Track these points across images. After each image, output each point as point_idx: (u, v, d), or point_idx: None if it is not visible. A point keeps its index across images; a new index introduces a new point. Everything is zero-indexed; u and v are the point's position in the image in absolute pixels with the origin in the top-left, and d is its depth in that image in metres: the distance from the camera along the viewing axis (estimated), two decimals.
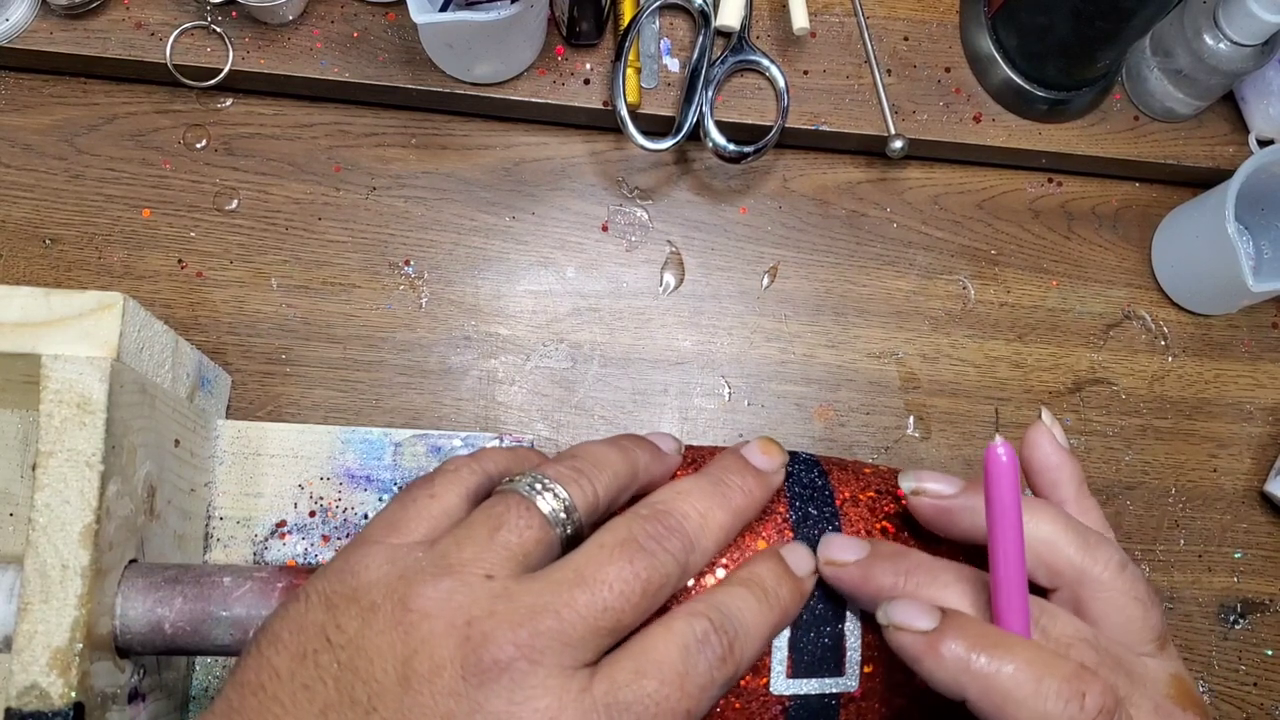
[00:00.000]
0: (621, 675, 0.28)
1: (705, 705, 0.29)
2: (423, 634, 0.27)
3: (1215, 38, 0.55)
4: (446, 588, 0.28)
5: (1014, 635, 0.29)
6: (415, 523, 0.31)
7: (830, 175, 0.60)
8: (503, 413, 0.55)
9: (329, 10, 0.56)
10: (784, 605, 0.31)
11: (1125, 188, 0.63)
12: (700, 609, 0.29)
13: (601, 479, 0.32)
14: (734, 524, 0.32)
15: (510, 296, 0.57)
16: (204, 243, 0.55)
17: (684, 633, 0.29)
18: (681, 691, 0.28)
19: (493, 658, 0.27)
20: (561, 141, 0.59)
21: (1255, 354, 0.62)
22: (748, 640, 0.30)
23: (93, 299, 0.38)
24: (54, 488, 0.35)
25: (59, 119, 0.56)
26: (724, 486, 0.32)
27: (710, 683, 0.28)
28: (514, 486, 0.31)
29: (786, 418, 0.57)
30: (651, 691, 0.27)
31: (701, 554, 0.31)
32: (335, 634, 0.28)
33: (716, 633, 0.29)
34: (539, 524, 0.30)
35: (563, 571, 0.29)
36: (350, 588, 0.29)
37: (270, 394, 0.54)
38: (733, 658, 0.29)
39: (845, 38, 0.59)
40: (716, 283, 0.58)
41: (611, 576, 0.28)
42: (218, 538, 0.49)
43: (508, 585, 0.28)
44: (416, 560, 0.29)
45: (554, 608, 0.28)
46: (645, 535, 0.30)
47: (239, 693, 0.28)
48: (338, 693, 0.27)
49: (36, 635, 0.34)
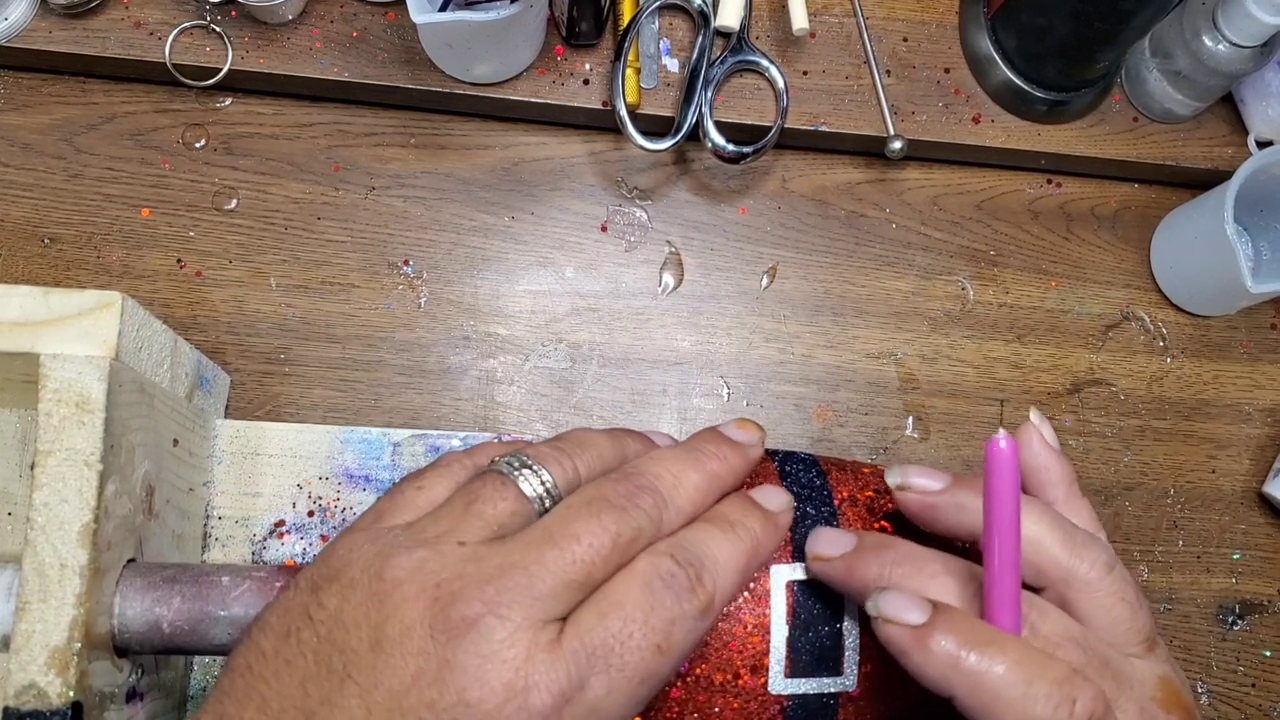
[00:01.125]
0: (587, 620, 0.28)
1: (681, 642, 0.28)
2: (395, 600, 0.28)
3: (1214, 39, 0.55)
4: (420, 557, 0.28)
5: (1005, 634, 0.29)
6: (400, 511, 0.31)
7: (829, 176, 0.61)
8: (501, 413, 0.55)
9: (328, 10, 0.56)
10: (755, 536, 0.31)
11: (1124, 189, 0.63)
12: (662, 548, 0.29)
13: (584, 459, 0.32)
14: (709, 486, 0.32)
15: (509, 296, 0.57)
16: (203, 242, 0.55)
17: (645, 570, 0.29)
18: (647, 625, 0.28)
19: (460, 614, 0.27)
20: (561, 141, 0.59)
21: (1254, 355, 0.62)
22: (717, 571, 0.30)
23: (91, 298, 0.37)
24: (52, 487, 0.35)
25: (58, 118, 0.56)
26: (697, 453, 0.33)
27: (680, 614, 0.28)
28: (495, 467, 0.31)
29: (785, 418, 0.57)
30: (616, 630, 0.27)
31: (676, 512, 0.31)
32: (316, 611, 0.28)
33: (680, 566, 0.29)
34: (514, 496, 0.30)
35: (532, 533, 0.29)
36: (333, 569, 0.29)
37: (269, 394, 0.54)
38: (702, 588, 0.29)
39: (845, 38, 0.59)
40: (715, 283, 0.58)
41: (579, 530, 0.28)
42: (216, 537, 0.49)
43: (478, 550, 0.28)
44: (395, 537, 0.30)
45: (522, 565, 0.28)
46: (615, 493, 0.30)
47: (229, 677, 0.29)
48: (316, 665, 0.28)
49: (35, 634, 0.34)
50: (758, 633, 0.33)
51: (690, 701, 0.33)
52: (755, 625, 0.33)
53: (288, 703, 0.27)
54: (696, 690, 0.33)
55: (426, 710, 0.26)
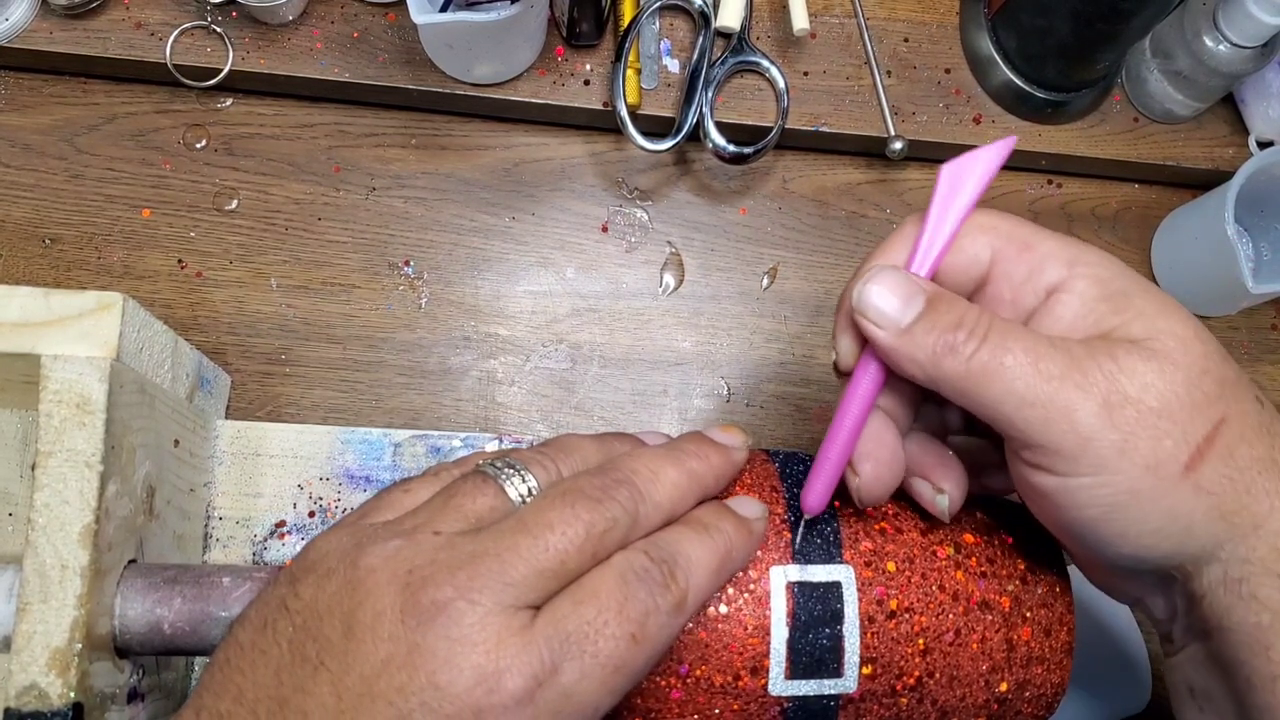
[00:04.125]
0: (562, 607, 0.28)
1: (655, 635, 0.29)
2: (368, 587, 0.28)
3: (1215, 39, 0.55)
4: (395, 545, 0.29)
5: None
6: (384, 510, 0.32)
7: (830, 176, 0.60)
8: (502, 413, 0.55)
9: (329, 10, 0.56)
10: (729, 539, 0.32)
11: (1125, 189, 0.63)
12: (638, 545, 0.30)
13: (568, 463, 0.32)
14: (688, 484, 0.32)
15: (510, 297, 0.57)
16: (204, 243, 0.55)
17: (620, 564, 0.29)
18: (621, 615, 0.28)
19: (430, 599, 0.27)
20: (561, 142, 0.59)
21: (1255, 355, 0.62)
22: (690, 568, 0.30)
23: (92, 299, 0.38)
24: (53, 488, 0.35)
25: (59, 119, 0.56)
26: (677, 450, 0.33)
27: (654, 608, 0.29)
28: (479, 468, 0.32)
29: (786, 419, 0.57)
30: (591, 618, 0.28)
31: (653, 506, 0.31)
32: (293, 601, 0.29)
33: (654, 562, 0.29)
34: (493, 492, 0.30)
35: (506, 522, 0.29)
36: (311, 561, 0.30)
37: (270, 394, 0.54)
38: (675, 585, 0.29)
39: (845, 39, 0.59)
40: (716, 284, 0.58)
41: (553, 519, 0.29)
42: (217, 538, 0.49)
43: (453, 539, 0.29)
44: (374, 531, 0.30)
45: (495, 551, 0.28)
46: (591, 486, 0.30)
47: (209, 672, 0.29)
48: (290, 654, 0.28)
49: (35, 635, 0.34)
50: (758, 634, 0.33)
51: (690, 703, 0.33)
52: (755, 627, 0.33)
53: (262, 692, 0.28)
54: (697, 692, 0.33)
55: (396, 694, 0.26)
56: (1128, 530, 0.30)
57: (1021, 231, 0.33)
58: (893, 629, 0.34)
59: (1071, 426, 0.29)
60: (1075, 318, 0.31)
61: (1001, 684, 0.35)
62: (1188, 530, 0.29)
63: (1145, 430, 0.29)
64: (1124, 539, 0.30)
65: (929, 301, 0.31)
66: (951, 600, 0.34)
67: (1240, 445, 0.30)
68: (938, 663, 0.34)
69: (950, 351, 0.30)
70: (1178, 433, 0.29)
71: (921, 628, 0.34)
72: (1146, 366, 0.29)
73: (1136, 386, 0.29)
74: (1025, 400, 0.29)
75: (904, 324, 0.31)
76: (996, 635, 0.35)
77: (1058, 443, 0.29)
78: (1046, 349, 0.30)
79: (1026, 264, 0.32)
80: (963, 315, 0.31)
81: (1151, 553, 0.30)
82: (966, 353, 0.30)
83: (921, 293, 0.31)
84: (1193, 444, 0.29)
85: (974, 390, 0.30)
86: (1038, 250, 0.32)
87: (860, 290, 0.32)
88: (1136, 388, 0.29)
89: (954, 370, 0.30)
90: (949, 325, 0.30)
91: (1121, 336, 0.30)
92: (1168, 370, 0.29)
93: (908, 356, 0.31)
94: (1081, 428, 0.29)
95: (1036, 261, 0.32)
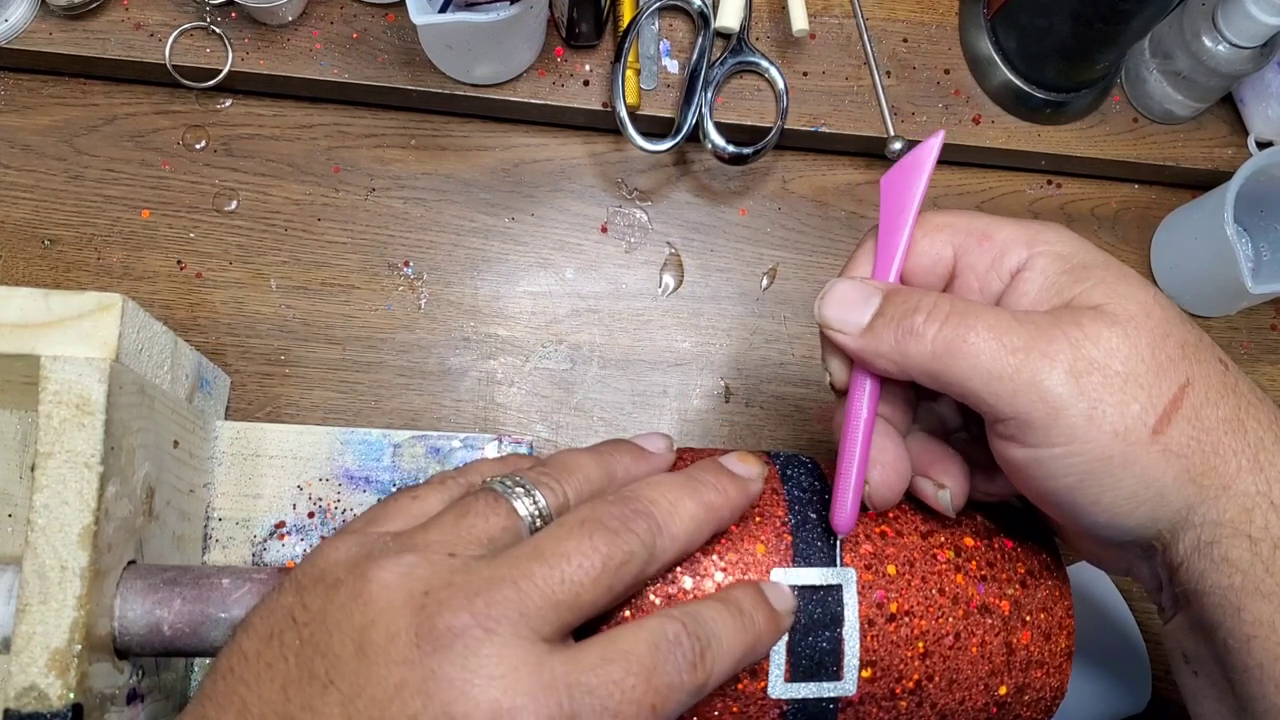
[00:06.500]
0: (588, 659, 0.27)
1: (672, 711, 0.28)
2: (381, 605, 0.27)
3: (1214, 40, 0.55)
4: (409, 562, 0.28)
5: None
6: (392, 518, 0.31)
7: (829, 177, 0.60)
8: (502, 414, 0.55)
9: (328, 11, 0.56)
10: (758, 630, 0.31)
11: (1124, 189, 0.63)
12: (675, 614, 0.29)
13: (571, 483, 0.32)
14: (706, 516, 0.32)
15: (509, 298, 0.57)
16: (203, 243, 0.55)
17: (656, 630, 0.29)
18: (648, 685, 0.27)
19: (446, 625, 0.27)
20: (561, 143, 0.59)
21: (1254, 355, 0.62)
22: (719, 652, 0.29)
23: (92, 300, 0.38)
24: (53, 489, 0.35)
25: (58, 119, 0.56)
26: (696, 482, 0.32)
27: (679, 684, 0.28)
28: (488, 485, 0.31)
29: (786, 420, 0.57)
30: (618, 679, 0.27)
31: (670, 540, 0.31)
32: (300, 613, 0.28)
33: (689, 637, 0.29)
34: (506, 512, 0.30)
35: (522, 549, 0.29)
36: (319, 570, 0.29)
37: (269, 395, 0.54)
38: (703, 666, 0.29)
39: (845, 39, 0.59)
40: (716, 284, 0.58)
41: (570, 550, 0.28)
42: (216, 539, 0.49)
43: (468, 562, 0.28)
44: (384, 542, 0.29)
45: (512, 579, 0.28)
46: (609, 515, 0.30)
47: (212, 680, 0.29)
48: (298, 668, 0.27)
49: (35, 636, 0.34)
50: None
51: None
52: None
53: (268, 707, 0.27)
54: None
55: None
56: (1101, 497, 0.30)
57: (978, 224, 0.33)
58: (893, 632, 0.34)
59: (1040, 396, 0.29)
60: (1039, 292, 0.32)
61: (1001, 687, 0.35)
62: (1160, 495, 0.30)
63: (1112, 396, 0.29)
64: (1099, 506, 0.30)
65: (885, 297, 0.32)
66: (951, 604, 0.34)
67: (1206, 406, 0.30)
68: (937, 666, 0.34)
69: (911, 335, 0.31)
70: (1144, 396, 0.30)
71: (921, 631, 0.34)
72: (1110, 331, 0.30)
73: (1101, 351, 0.30)
74: (992, 374, 0.30)
75: (864, 323, 0.32)
76: (996, 639, 0.35)
77: (1027, 413, 0.30)
78: (1010, 322, 0.30)
79: (988, 253, 0.33)
80: (919, 301, 0.31)
81: (1127, 519, 0.31)
82: (929, 334, 0.31)
83: (877, 292, 0.33)
84: (1159, 407, 0.30)
85: (942, 370, 0.31)
86: (997, 238, 0.33)
87: (818, 307, 0.33)
88: (1101, 352, 0.30)
89: (919, 353, 0.31)
90: (906, 312, 0.31)
91: (1083, 303, 0.31)
92: (1131, 334, 0.30)
93: (874, 352, 0.32)
94: (1050, 397, 0.29)
95: (997, 249, 0.33)
